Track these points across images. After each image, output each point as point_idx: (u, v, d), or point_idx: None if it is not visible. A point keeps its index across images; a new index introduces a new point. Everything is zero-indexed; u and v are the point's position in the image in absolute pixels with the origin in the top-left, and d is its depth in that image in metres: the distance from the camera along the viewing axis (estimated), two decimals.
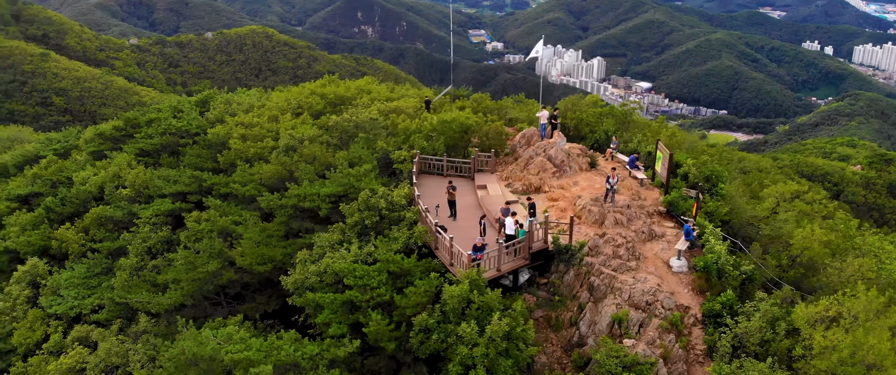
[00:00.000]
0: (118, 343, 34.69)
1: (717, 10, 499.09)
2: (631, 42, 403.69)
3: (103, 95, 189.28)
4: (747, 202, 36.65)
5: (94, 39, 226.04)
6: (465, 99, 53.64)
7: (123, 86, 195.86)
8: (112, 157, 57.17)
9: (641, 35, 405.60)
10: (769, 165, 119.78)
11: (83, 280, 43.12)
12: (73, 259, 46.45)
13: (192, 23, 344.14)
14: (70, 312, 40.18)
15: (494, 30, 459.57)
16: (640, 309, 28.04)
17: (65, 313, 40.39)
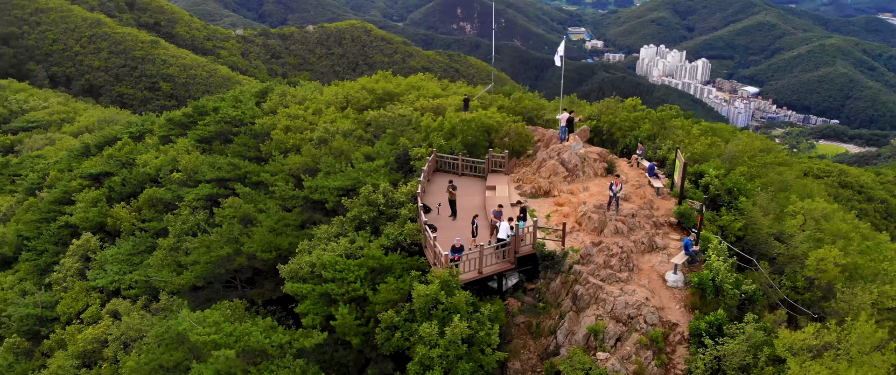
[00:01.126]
0: (139, 318, 36.70)
1: (833, 14, 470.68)
2: (739, 44, 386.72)
3: (207, 83, 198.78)
4: (772, 219, 34.54)
5: (203, 29, 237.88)
6: (504, 97, 53.17)
7: (227, 74, 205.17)
8: (176, 142, 60.28)
9: (750, 37, 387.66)
10: (871, 180, 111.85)
11: (127, 256, 45.74)
12: (124, 236, 49.38)
13: (299, 15, 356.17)
14: (110, 286, 42.70)
15: (595, 28, 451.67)
16: (620, 323, 27.11)
17: (105, 286, 42.98)
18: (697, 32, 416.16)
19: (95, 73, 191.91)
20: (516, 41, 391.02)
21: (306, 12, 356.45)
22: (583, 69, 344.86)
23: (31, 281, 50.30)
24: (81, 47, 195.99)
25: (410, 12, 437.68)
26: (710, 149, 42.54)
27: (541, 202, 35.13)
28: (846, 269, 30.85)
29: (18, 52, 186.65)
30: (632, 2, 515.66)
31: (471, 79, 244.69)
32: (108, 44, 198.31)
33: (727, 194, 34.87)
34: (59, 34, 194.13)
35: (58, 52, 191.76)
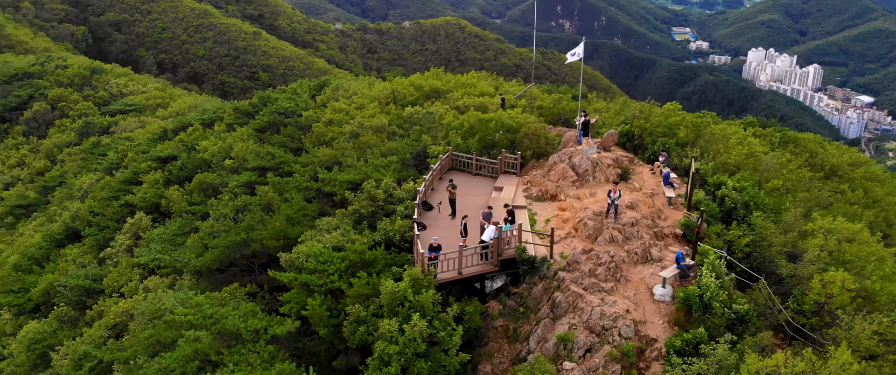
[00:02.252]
0: (162, 295, 38.79)
1: None
2: (854, 51, 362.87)
3: (304, 74, 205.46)
4: (794, 237, 32.62)
5: (304, 22, 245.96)
6: (543, 97, 52.52)
7: (323, 67, 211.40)
8: (237, 131, 63.06)
9: (867, 44, 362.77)
10: None
11: (172, 236, 48.30)
12: (174, 217, 52.18)
13: (400, 11, 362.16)
14: (151, 263, 45.30)
15: (700, 28, 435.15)
16: (593, 333, 26.47)
17: (147, 263, 45.62)
18: (810, 37, 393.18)
19: (200, 62, 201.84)
20: (616, 39, 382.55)
21: (407, 8, 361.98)
22: (685, 71, 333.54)
23: (91, 255, 53.99)
24: (188, 36, 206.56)
25: (509, 9, 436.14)
26: (747, 160, 40.65)
27: (545, 206, 34.64)
28: (860, 295, 29.00)
29: (130, 39, 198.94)
30: (741, 2, 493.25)
31: (563, 78, 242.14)
32: (213, 34, 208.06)
33: (743, 208, 33.28)
34: (169, 23, 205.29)
35: (166, 40, 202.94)
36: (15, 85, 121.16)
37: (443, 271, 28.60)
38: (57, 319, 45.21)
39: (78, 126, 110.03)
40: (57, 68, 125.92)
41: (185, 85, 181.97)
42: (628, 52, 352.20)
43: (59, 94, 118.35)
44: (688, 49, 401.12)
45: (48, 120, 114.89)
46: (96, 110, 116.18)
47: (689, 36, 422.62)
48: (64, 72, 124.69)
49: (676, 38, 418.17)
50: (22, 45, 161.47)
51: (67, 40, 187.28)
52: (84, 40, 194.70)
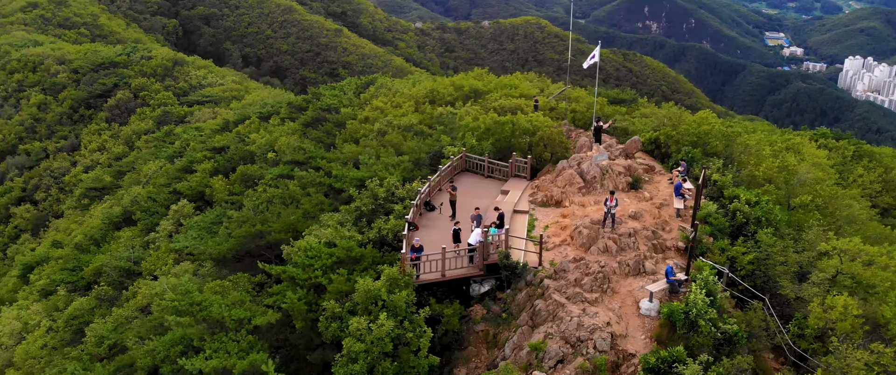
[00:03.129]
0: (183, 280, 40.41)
1: None
2: None
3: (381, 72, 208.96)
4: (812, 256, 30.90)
5: (385, 20, 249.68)
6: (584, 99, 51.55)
7: (400, 65, 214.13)
8: (287, 125, 64.89)
9: None
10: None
11: (209, 224, 50.18)
12: (215, 206, 54.24)
13: (483, 10, 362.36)
14: (184, 249, 47.24)
15: (795, 34, 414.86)
16: (568, 344, 25.91)
17: (181, 249, 47.59)
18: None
19: (282, 57, 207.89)
20: (705, 43, 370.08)
21: (490, 7, 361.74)
22: (777, 77, 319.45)
23: (140, 238, 56.74)
24: (273, 32, 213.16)
25: (595, 9, 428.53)
26: (778, 174, 38.77)
27: (548, 211, 34.09)
28: (871, 322, 27.37)
29: (217, 33, 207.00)
30: (840, 8, 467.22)
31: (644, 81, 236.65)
32: (296, 29, 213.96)
33: (755, 223, 31.84)
34: (255, 18, 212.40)
35: (252, 34, 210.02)
36: (101, 73, 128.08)
37: (426, 272, 28.69)
38: (96, 297, 47.76)
39: (156, 114, 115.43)
40: (141, 59, 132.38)
41: (267, 78, 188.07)
42: (717, 57, 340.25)
43: (142, 84, 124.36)
44: (780, 55, 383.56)
45: (130, 108, 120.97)
46: (175, 100, 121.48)
47: (783, 41, 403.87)
48: (148, 63, 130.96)
49: (769, 43, 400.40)
50: (114, 35, 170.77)
51: (158, 32, 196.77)
52: (175, 32, 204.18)
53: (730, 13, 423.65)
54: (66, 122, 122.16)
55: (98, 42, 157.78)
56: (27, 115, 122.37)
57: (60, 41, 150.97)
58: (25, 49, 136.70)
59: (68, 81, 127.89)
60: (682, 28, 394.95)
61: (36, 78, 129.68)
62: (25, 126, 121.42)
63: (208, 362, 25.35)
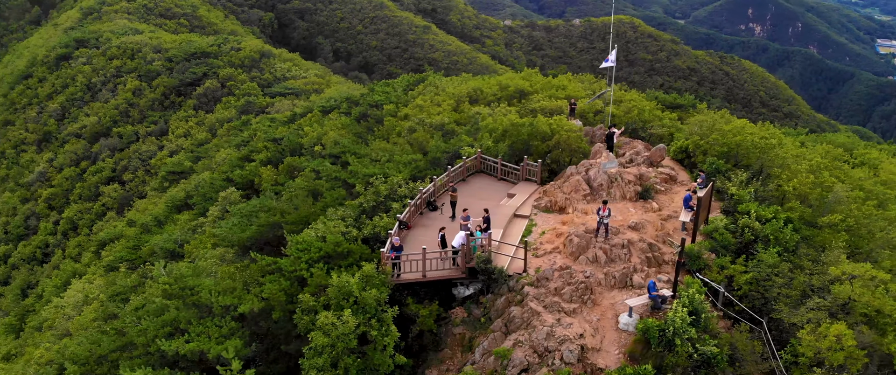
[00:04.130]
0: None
1: None
2: None
3: (466, 69, 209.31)
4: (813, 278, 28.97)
5: (474, 18, 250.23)
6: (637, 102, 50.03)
7: (485, 63, 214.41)
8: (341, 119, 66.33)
9: None
10: None
11: (249, 212, 52.05)
12: (261, 194, 56.14)
13: (577, 8, 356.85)
14: (217, 235, 49.15)
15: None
16: (536, 353, 25.43)
17: (216, 235, 49.56)
18: None
19: (371, 52, 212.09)
20: (811, 48, 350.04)
21: (585, 5, 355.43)
22: (887, 87, 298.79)
23: (192, 223, 59.43)
24: (363, 27, 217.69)
25: (695, 10, 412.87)
26: (812, 190, 36.51)
27: (549, 217, 33.43)
28: (877, 353, 25.61)
29: (311, 27, 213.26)
30: None
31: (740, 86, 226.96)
32: (386, 26, 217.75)
33: (762, 241, 30.19)
34: (347, 13, 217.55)
35: (343, 29, 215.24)
36: (193, 62, 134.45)
37: (407, 271, 28.81)
38: (141, 276, 50.41)
39: (240, 104, 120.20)
40: (231, 50, 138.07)
41: (356, 73, 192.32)
42: (823, 63, 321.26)
43: (229, 74, 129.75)
44: (893, 64, 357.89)
45: (217, 96, 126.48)
46: (259, 91, 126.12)
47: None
48: (236, 54, 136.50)
49: (881, 50, 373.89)
50: (212, 26, 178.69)
51: (255, 24, 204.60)
52: (270, 25, 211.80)
53: (839, 18, 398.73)
54: (157, 108, 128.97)
55: (196, 32, 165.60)
56: (122, 100, 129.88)
57: (160, 30, 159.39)
58: (126, 37, 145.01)
59: (162, 69, 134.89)
60: (787, 32, 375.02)
61: (133, 65, 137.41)
62: (120, 110, 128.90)
63: (187, 345, 26.46)
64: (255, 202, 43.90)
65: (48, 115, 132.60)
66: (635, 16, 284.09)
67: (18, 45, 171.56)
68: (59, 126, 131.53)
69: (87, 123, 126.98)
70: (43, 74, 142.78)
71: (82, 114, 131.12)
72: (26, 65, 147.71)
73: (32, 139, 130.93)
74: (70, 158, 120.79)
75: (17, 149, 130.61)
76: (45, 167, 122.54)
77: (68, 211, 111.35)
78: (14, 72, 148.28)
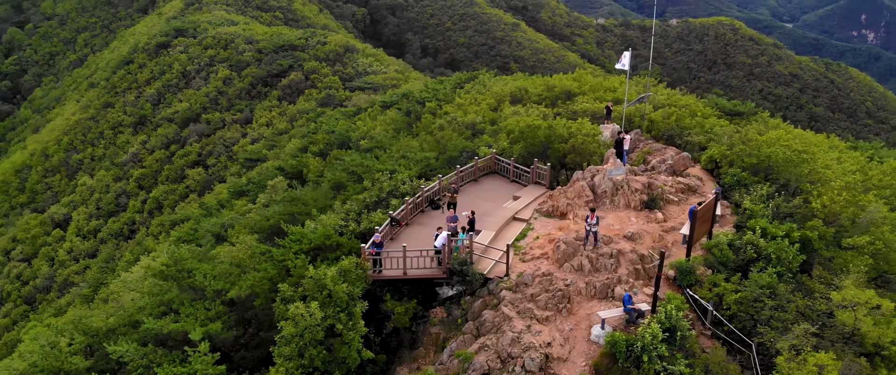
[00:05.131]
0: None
1: None
2: None
3: (553, 68, 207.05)
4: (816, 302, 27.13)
5: (565, 16, 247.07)
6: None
7: (574, 61, 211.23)
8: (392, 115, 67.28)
9: None
10: None
11: (292, 200, 53.77)
12: (307, 184, 57.79)
13: (679, 9, 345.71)
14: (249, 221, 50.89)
15: None
16: (499, 359, 25.10)
17: (247, 221, 51.32)
18: None
19: (458, 49, 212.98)
20: None
21: (687, 5, 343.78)
22: None
23: (245, 208, 61.82)
24: (452, 24, 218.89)
25: (805, 13, 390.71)
26: (844, 209, 34.24)
27: (548, 222, 32.78)
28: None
29: (401, 23, 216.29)
30: None
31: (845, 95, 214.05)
32: (475, 23, 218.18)
33: (764, 260, 28.61)
34: (437, 10, 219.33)
35: (432, 26, 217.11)
36: (281, 54, 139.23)
37: (388, 268, 29.04)
38: (189, 252, 52.90)
39: (320, 97, 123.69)
40: (317, 43, 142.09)
41: (442, 70, 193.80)
42: None
43: (313, 67, 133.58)
44: None
45: (300, 88, 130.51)
46: (340, 85, 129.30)
47: None
48: (322, 48, 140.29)
49: None
50: (305, 19, 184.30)
51: (348, 19, 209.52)
52: (363, 21, 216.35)
53: None
54: (244, 97, 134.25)
55: (290, 26, 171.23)
56: (213, 88, 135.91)
57: (254, 22, 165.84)
58: (221, 27, 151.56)
59: (252, 60, 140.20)
60: None
61: (225, 54, 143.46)
62: (210, 97, 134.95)
63: (172, 325, 27.72)
64: (289, 192, 45.19)
65: (145, 100, 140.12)
66: (739, 18, 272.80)
67: (125, 32, 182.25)
68: (154, 110, 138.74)
69: (179, 109, 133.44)
70: (143, 60, 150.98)
71: (176, 99, 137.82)
72: (129, 51, 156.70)
73: (129, 121, 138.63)
74: (161, 141, 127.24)
75: (115, 131, 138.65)
76: (138, 148, 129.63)
77: (155, 192, 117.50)
78: (118, 58, 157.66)
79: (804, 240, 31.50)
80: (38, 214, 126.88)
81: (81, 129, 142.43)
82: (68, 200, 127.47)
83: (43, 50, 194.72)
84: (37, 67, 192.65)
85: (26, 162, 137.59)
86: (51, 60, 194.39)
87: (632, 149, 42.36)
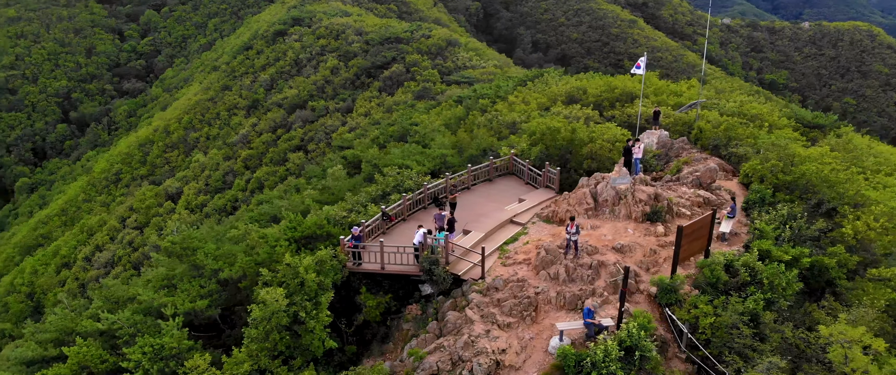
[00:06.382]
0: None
1: None
2: None
3: (670, 67, 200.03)
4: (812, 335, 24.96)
5: (687, 14, 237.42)
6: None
7: (692, 61, 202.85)
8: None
9: None
10: None
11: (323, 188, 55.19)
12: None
13: (816, 11, 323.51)
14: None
15: None
16: (450, 361, 24.92)
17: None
18: None
19: (570, 45, 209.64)
20: None
21: (826, 7, 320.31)
22: None
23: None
24: (566, 19, 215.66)
25: None
26: (881, 237, 31.32)
27: (546, 227, 31.88)
28: None
29: (514, 17, 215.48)
30: None
31: None
32: (589, 18, 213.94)
33: (756, 285, 26.72)
34: (550, 5, 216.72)
35: (545, 21, 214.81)
36: (386, 46, 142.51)
37: (367, 262, 29.42)
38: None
39: (417, 89, 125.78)
40: (421, 37, 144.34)
41: (551, 65, 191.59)
42: None
43: (415, 60, 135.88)
44: None
45: (400, 80, 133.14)
46: (438, 78, 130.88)
47: None
48: (425, 41, 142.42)
49: None
50: (418, 13, 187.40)
51: (461, 13, 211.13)
52: (476, 14, 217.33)
53: None
54: (348, 87, 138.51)
55: (403, 19, 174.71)
56: (320, 77, 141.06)
57: (367, 14, 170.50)
58: (334, 18, 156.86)
59: (359, 51, 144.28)
60: None
61: (336, 44, 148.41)
62: (317, 86, 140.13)
63: (163, 299, 29.47)
64: (324, 181, 46.64)
65: (259, 85, 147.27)
66: (882, 25, 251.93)
67: (250, 19, 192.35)
68: (266, 95, 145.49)
69: (288, 95, 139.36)
70: (261, 47, 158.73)
71: (286, 86, 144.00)
72: (249, 37, 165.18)
73: (243, 104, 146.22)
74: (269, 125, 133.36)
75: (230, 112, 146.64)
76: (248, 130, 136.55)
77: (259, 172, 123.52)
78: (239, 43, 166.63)
79: (820, 267, 29.26)
80: (155, 186, 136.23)
81: (200, 109, 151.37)
82: (182, 175, 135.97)
83: (176, 32, 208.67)
84: (169, 49, 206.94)
85: (149, 137, 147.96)
86: (183, 43, 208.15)
87: (666, 156, 40.64)
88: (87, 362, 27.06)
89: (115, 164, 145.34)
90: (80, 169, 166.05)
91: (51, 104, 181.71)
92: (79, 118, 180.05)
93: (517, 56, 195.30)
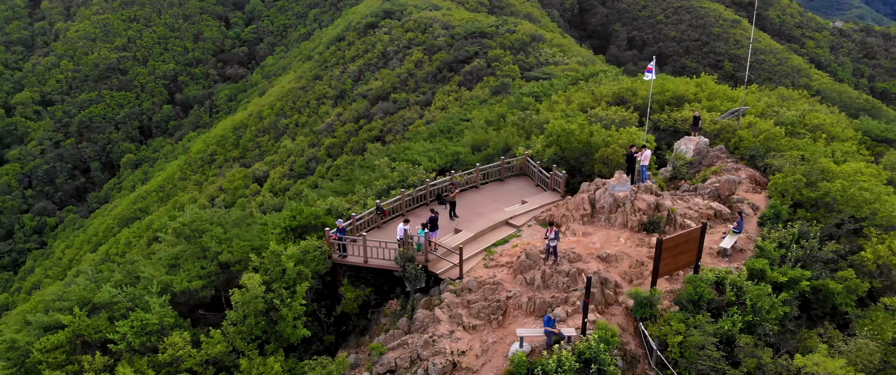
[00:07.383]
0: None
1: None
2: None
3: (773, 71, 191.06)
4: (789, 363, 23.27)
5: (797, 16, 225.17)
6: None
7: (798, 65, 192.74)
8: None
9: None
10: None
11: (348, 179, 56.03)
12: None
13: None
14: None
15: None
16: (410, 359, 24.91)
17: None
18: None
19: (668, 43, 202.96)
20: None
21: None
22: None
23: None
24: (665, 17, 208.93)
25: None
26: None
27: (540, 231, 31.15)
28: None
29: (610, 13, 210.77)
30: None
31: None
32: (689, 17, 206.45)
33: (739, 306, 25.27)
34: (649, 1, 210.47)
35: (642, 18, 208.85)
36: (469, 41, 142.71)
37: (352, 254, 29.76)
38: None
39: (495, 85, 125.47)
40: (506, 32, 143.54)
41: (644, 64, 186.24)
42: None
43: (497, 55, 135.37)
44: None
45: (480, 75, 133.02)
46: (518, 73, 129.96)
47: None
48: (509, 36, 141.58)
49: None
50: (509, 7, 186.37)
51: (555, 8, 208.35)
52: (570, 10, 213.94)
53: None
54: (430, 80, 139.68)
55: (495, 13, 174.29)
56: (404, 70, 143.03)
57: (457, 8, 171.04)
58: (424, 12, 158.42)
59: (444, 45, 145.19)
60: None
61: (422, 38, 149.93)
62: (401, 78, 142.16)
63: (165, 277, 30.91)
64: (347, 172, 47.52)
65: (347, 76, 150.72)
66: None
67: (348, 10, 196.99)
68: (353, 86, 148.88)
69: (373, 87, 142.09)
70: (352, 39, 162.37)
71: (373, 78, 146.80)
72: (343, 29, 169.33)
73: (331, 94, 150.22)
74: (353, 115, 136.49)
75: (319, 101, 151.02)
76: (333, 119, 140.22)
77: (339, 160, 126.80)
78: (333, 34, 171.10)
79: (825, 292, 27.44)
80: (244, 169, 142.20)
81: (292, 97, 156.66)
82: (270, 159, 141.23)
83: (278, 21, 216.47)
84: (271, 37, 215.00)
85: (244, 121, 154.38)
86: (284, 31, 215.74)
87: (699, 165, 38.98)
88: (80, 331, 28.81)
89: (211, 145, 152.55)
90: (182, 148, 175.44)
91: (158, 86, 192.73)
92: (183, 100, 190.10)
93: (611, 53, 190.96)
